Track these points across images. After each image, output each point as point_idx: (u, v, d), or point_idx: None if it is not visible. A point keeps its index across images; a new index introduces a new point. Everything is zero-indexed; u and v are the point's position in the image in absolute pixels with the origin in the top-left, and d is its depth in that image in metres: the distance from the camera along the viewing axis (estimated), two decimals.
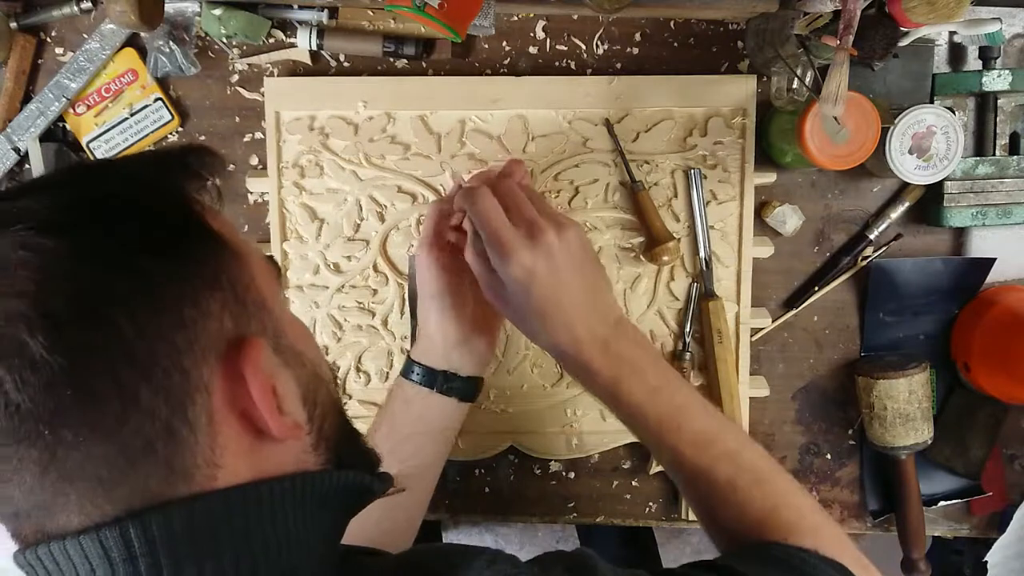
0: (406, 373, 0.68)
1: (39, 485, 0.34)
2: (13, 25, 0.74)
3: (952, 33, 0.79)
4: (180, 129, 0.78)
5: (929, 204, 0.80)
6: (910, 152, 0.73)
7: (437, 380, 0.67)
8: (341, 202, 0.76)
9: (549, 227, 0.59)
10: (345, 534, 0.44)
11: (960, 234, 0.82)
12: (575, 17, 0.78)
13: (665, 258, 0.75)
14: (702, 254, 0.77)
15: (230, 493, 0.36)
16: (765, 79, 0.77)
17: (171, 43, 0.73)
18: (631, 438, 0.80)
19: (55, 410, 0.33)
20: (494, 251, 0.59)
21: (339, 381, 0.49)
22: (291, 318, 0.44)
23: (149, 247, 0.36)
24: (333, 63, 0.78)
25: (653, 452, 0.61)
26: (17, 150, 0.75)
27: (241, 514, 0.36)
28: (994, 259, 0.80)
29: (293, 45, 0.76)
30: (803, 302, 0.82)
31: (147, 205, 0.37)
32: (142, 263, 0.35)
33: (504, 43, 0.78)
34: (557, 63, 0.79)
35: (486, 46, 0.78)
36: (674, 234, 0.76)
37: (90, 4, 0.74)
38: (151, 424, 0.34)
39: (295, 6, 0.76)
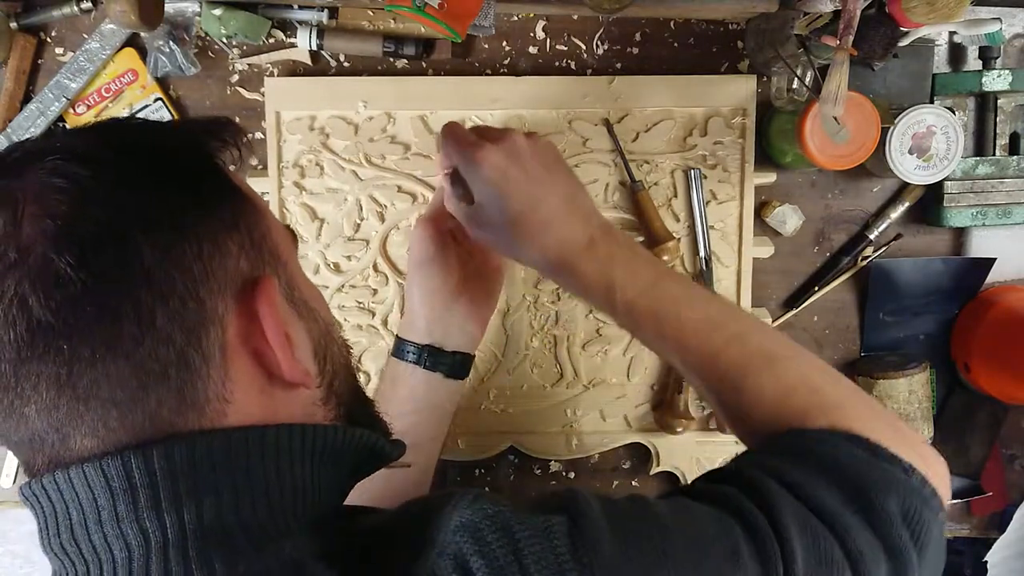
0: (394, 352, 0.69)
1: (54, 404, 0.35)
2: (13, 25, 0.74)
3: (952, 33, 0.79)
4: None
5: (929, 204, 0.80)
6: (910, 152, 0.73)
7: (422, 356, 0.67)
8: (341, 202, 0.76)
9: (518, 133, 0.60)
10: None
11: (960, 234, 0.82)
12: (575, 17, 0.78)
13: (665, 258, 0.75)
14: (702, 254, 0.77)
15: (233, 433, 0.37)
16: (765, 79, 0.77)
17: (171, 43, 0.73)
18: (631, 438, 0.81)
19: (75, 326, 0.34)
20: (465, 162, 0.58)
21: (351, 349, 0.49)
22: (305, 278, 0.45)
23: (174, 181, 0.38)
24: (333, 63, 0.78)
25: (658, 352, 0.58)
26: None
27: (243, 454, 0.37)
28: (994, 259, 0.80)
29: (293, 45, 0.76)
30: (803, 302, 0.82)
31: (174, 149, 0.40)
32: (167, 194, 0.37)
33: (504, 43, 0.78)
34: (557, 63, 0.79)
35: (486, 46, 0.78)
36: (674, 234, 0.76)
37: (90, 4, 0.74)
38: (165, 349, 0.35)
39: (295, 6, 0.76)
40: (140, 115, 0.77)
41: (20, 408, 0.35)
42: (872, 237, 0.81)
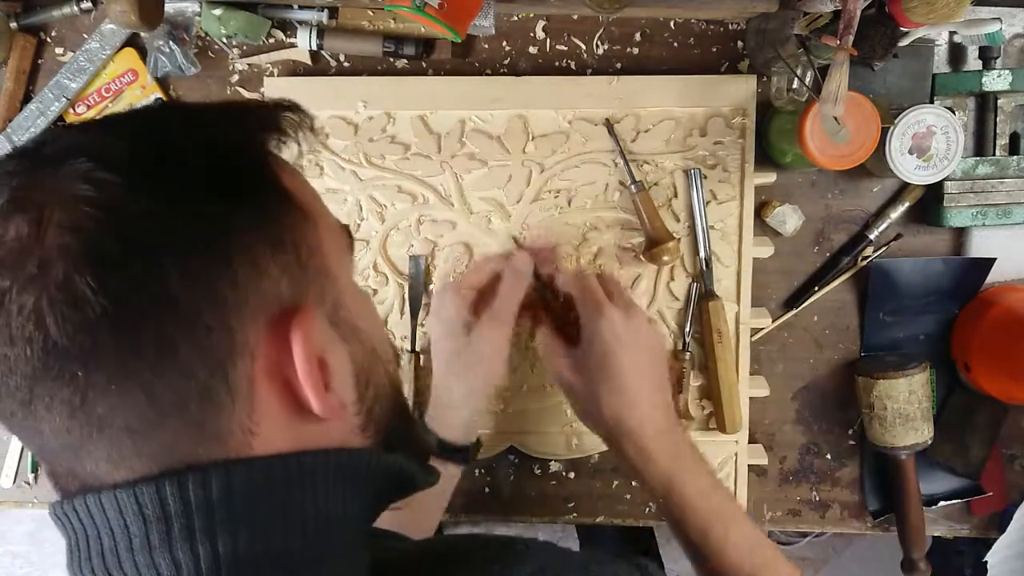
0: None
1: (66, 427, 0.33)
2: (13, 25, 0.74)
3: (952, 33, 0.79)
4: None
5: (929, 204, 0.80)
6: (910, 152, 0.73)
7: (461, 455, 0.70)
8: (341, 202, 0.76)
9: (643, 313, 0.67)
10: None
11: (960, 234, 0.82)
12: (575, 17, 0.78)
13: (665, 258, 0.75)
14: (702, 254, 0.77)
15: (271, 462, 0.35)
16: (765, 79, 0.77)
17: (171, 43, 0.73)
18: None
19: (91, 352, 0.32)
20: (590, 312, 0.64)
21: (400, 363, 0.49)
22: (355, 291, 0.42)
23: (216, 193, 0.35)
24: (333, 63, 0.78)
25: (692, 548, 0.62)
26: None
27: (280, 484, 0.36)
28: (994, 259, 0.80)
29: (293, 45, 0.76)
30: (803, 302, 0.82)
31: (216, 150, 0.36)
32: (206, 210, 0.34)
33: (504, 43, 0.78)
34: (557, 63, 0.79)
35: (486, 46, 0.78)
36: (674, 234, 0.76)
37: (90, 4, 0.75)
38: (187, 382, 0.33)
39: (295, 6, 0.76)
40: None
41: (35, 425, 0.34)
42: (872, 237, 0.81)
